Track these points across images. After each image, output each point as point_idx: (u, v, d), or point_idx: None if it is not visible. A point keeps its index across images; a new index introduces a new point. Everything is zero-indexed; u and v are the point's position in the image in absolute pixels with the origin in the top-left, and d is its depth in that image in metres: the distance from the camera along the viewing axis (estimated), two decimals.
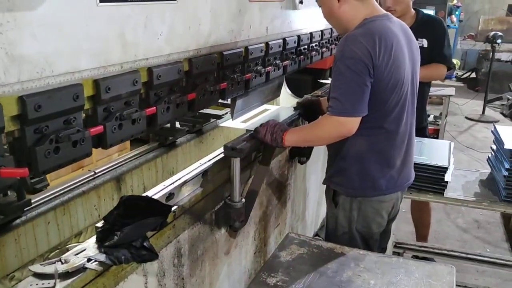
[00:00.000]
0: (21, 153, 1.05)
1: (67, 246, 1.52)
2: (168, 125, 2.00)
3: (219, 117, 2.34)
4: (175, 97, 1.44)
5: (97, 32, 1.14)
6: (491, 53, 7.58)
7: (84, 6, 1.09)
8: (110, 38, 1.18)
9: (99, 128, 1.20)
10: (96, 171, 1.65)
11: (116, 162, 1.76)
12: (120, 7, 1.19)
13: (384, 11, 1.89)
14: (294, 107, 2.45)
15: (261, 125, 1.94)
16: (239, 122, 2.14)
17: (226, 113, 2.40)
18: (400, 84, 1.82)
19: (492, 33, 7.45)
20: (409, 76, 1.88)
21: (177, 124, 2.27)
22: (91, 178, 1.58)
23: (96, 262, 1.23)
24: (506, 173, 2.52)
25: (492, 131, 2.89)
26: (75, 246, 1.30)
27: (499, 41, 7.28)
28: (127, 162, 1.70)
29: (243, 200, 1.88)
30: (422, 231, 3.57)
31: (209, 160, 1.83)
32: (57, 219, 1.43)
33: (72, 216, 1.49)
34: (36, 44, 0.99)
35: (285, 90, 3.00)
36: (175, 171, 1.91)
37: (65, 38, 1.06)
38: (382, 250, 2.19)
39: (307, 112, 2.40)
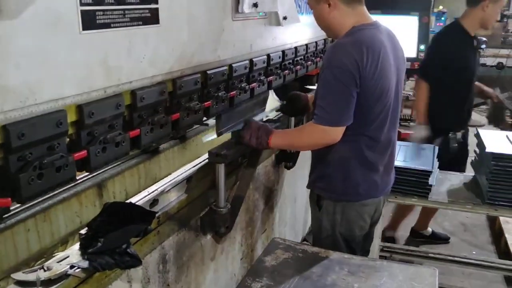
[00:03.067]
0: (4, 181, 1.05)
1: (53, 255, 1.52)
2: None
3: (202, 123, 2.34)
4: (159, 118, 1.45)
5: (80, 59, 1.14)
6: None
7: (67, 34, 1.09)
8: (93, 64, 1.18)
9: (83, 153, 1.21)
10: (77, 178, 1.65)
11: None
12: (103, 34, 1.20)
13: (373, 19, 1.89)
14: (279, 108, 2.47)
15: (243, 128, 1.94)
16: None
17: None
18: (385, 94, 1.84)
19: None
20: (394, 85, 1.90)
21: None
22: (72, 184, 1.58)
23: (79, 269, 1.24)
24: (488, 176, 2.57)
25: (475, 135, 2.93)
26: (58, 253, 1.31)
27: (483, 46, 7.37)
28: (109, 169, 1.70)
29: (229, 205, 1.89)
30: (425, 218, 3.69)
31: (193, 166, 1.85)
32: (37, 226, 1.43)
33: (53, 223, 1.48)
34: (19, 74, 0.99)
35: (272, 96, 3.03)
36: (158, 177, 1.91)
37: (48, 66, 1.06)
38: (366, 253, 2.21)
39: (293, 107, 2.37)
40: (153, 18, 1.37)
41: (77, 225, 1.57)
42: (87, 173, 1.66)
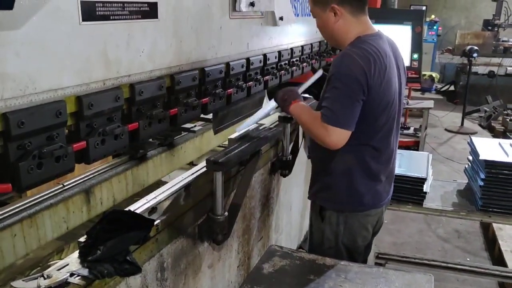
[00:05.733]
0: (4, 169, 1.06)
1: (49, 263, 1.52)
2: None
3: (189, 130, 2.36)
4: (157, 112, 1.46)
5: (79, 50, 1.16)
6: (468, 67, 7.77)
7: (67, 24, 1.11)
8: (92, 56, 1.20)
9: (82, 144, 1.22)
10: (65, 184, 1.65)
11: (85, 175, 1.76)
12: (102, 25, 1.21)
13: (376, 29, 1.91)
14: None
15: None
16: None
17: (195, 125, 2.42)
18: (390, 104, 1.85)
19: (468, 47, 7.64)
20: (397, 95, 1.90)
21: None
22: (59, 190, 1.58)
23: (79, 277, 1.24)
24: (482, 183, 2.60)
25: (468, 143, 2.97)
26: (57, 261, 1.31)
27: (475, 55, 7.47)
28: (96, 175, 1.71)
29: (226, 213, 1.90)
30: None
31: (191, 174, 1.86)
32: (24, 231, 1.43)
33: (40, 229, 1.48)
34: (19, 62, 1.01)
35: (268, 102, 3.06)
36: (145, 184, 1.92)
37: (48, 56, 1.08)
38: (363, 261, 2.22)
39: None
40: (152, 12, 1.39)
41: (64, 231, 1.57)
42: (74, 179, 1.68)
